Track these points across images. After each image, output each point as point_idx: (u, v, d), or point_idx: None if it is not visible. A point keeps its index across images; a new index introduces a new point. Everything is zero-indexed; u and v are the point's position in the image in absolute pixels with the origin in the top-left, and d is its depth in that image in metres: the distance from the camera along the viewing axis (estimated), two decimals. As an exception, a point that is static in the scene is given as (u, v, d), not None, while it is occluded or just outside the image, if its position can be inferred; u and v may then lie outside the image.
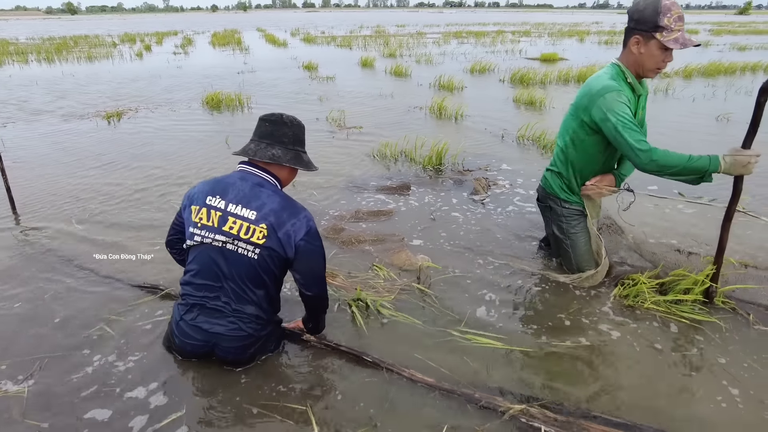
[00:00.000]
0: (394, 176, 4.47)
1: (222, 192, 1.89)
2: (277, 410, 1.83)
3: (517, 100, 7.94)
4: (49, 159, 5.19)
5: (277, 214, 1.85)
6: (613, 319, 2.38)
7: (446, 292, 2.62)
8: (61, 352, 2.17)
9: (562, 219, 2.71)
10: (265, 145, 1.92)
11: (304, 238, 1.87)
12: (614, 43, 19.43)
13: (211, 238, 1.87)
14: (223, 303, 1.91)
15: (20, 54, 17.31)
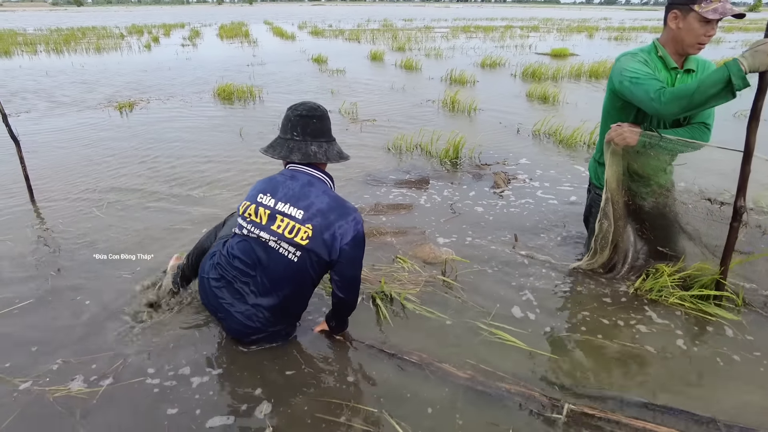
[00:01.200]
0: (412, 170, 4.44)
1: (272, 190, 1.87)
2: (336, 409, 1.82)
3: (530, 95, 7.88)
4: (63, 149, 5.18)
5: (325, 214, 1.81)
6: (637, 315, 2.35)
7: (472, 285, 2.60)
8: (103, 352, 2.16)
9: (593, 203, 2.72)
10: (327, 145, 1.90)
11: (350, 243, 1.82)
12: (624, 40, 19.27)
13: (256, 234, 1.87)
14: (249, 291, 1.92)
15: (29, 45, 17.29)
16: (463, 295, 2.51)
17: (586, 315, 2.35)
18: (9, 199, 3.76)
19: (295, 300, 1.96)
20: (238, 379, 1.93)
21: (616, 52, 13.68)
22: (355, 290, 1.97)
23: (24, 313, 2.37)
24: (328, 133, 1.92)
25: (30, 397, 1.84)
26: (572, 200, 3.74)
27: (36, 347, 2.12)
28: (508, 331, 2.20)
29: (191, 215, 3.47)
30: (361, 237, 1.85)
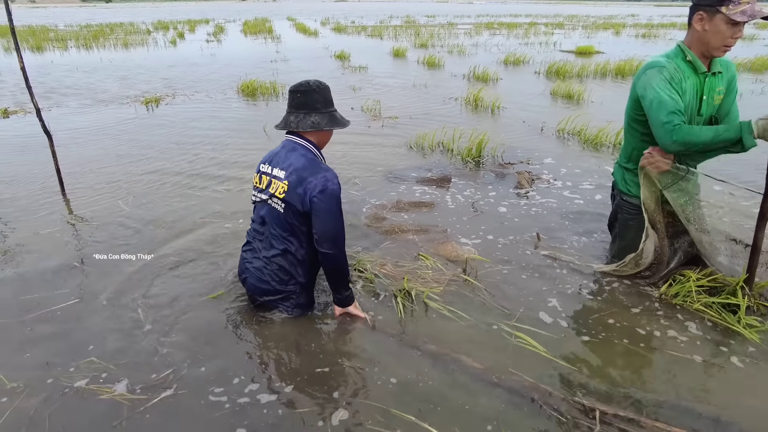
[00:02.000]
0: (434, 168, 4.42)
1: (270, 160, 2.22)
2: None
3: (555, 93, 7.77)
4: (92, 143, 5.31)
5: (299, 172, 2.08)
6: (662, 320, 2.30)
7: (495, 285, 2.58)
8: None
9: (619, 210, 2.67)
10: (303, 115, 2.14)
11: (318, 195, 2.04)
12: (652, 37, 18.83)
13: (259, 197, 2.24)
14: (261, 246, 2.26)
15: (60, 40, 17.72)
16: (486, 296, 2.49)
17: (609, 318, 2.32)
18: (41, 192, 3.88)
19: (293, 253, 2.19)
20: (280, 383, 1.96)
21: (644, 50, 13.48)
22: (333, 243, 2.10)
23: (67, 312, 2.38)
24: (310, 106, 2.14)
25: (76, 395, 1.86)
26: (597, 201, 3.68)
27: (84, 347, 2.15)
28: (531, 333, 2.17)
29: (214, 209, 3.53)
30: (330, 191, 2.05)
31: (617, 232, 2.73)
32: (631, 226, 2.62)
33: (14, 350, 2.12)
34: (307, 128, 2.13)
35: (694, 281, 2.40)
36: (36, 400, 1.84)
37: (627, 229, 2.65)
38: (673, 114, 2.10)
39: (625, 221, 2.64)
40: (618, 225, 2.70)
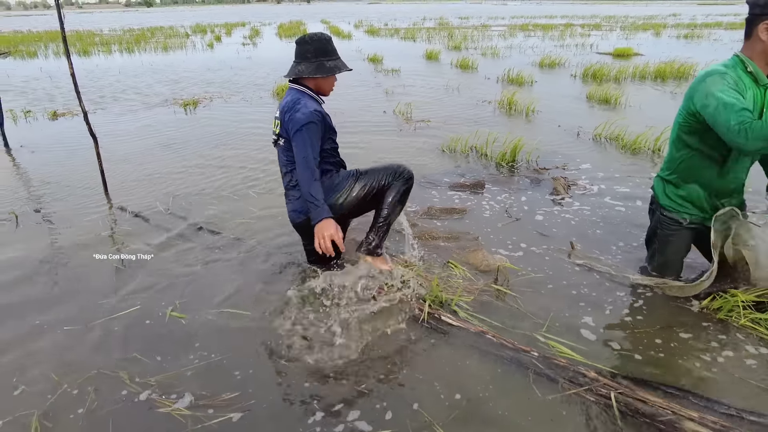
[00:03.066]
0: (467, 173, 4.40)
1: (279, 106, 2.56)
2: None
3: (591, 97, 7.60)
4: (132, 145, 5.50)
5: (284, 110, 2.44)
6: (703, 334, 2.22)
7: (527, 296, 2.55)
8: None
9: (659, 225, 2.58)
10: (295, 65, 2.48)
11: (289, 120, 2.39)
12: (695, 38, 18.20)
13: (273, 139, 2.63)
14: (287, 183, 2.63)
15: (104, 45, 18.44)
16: (518, 306, 2.46)
17: (646, 331, 2.25)
18: (86, 192, 4.05)
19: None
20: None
21: (686, 52, 13.05)
22: (301, 161, 2.38)
23: (130, 319, 2.41)
24: (302, 55, 2.45)
25: (136, 406, 1.87)
26: (635, 209, 3.58)
27: (147, 355, 2.17)
28: (565, 346, 2.14)
29: (251, 212, 3.61)
30: (297, 117, 2.35)
31: (656, 248, 2.64)
32: (671, 242, 2.55)
33: (77, 354, 2.18)
34: (292, 75, 2.46)
35: (741, 293, 2.31)
36: (94, 408, 1.89)
37: (667, 245, 2.57)
38: (743, 112, 1.94)
39: (665, 237, 2.56)
40: (657, 241, 2.61)
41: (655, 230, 2.63)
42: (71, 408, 1.86)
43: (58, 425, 1.79)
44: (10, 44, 18.42)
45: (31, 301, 2.57)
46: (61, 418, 1.82)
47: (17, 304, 2.54)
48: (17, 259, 2.98)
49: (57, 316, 2.43)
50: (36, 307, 2.50)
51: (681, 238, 2.53)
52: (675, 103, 7.26)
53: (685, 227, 2.49)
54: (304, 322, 2.33)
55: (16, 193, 4.05)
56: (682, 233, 2.51)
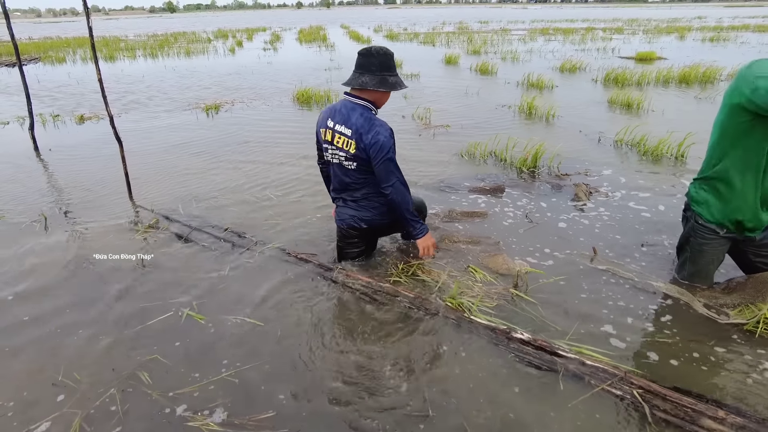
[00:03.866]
0: (486, 177, 4.39)
1: (333, 116, 2.54)
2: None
3: (612, 102, 7.51)
4: (156, 148, 5.62)
5: (359, 129, 2.44)
6: (728, 345, 2.18)
7: (548, 302, 2.53)
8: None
9: (692, 233, 2.51)
10: (357, 75, 2.47)
11: (373, 147, 2.43)
12: (722, 41, 17.84)
13: (329, 150, 2.61)
14: (348, 197, 2.72)
15: (129, 50, 18.87)
16: (539, 312, 2.45)
17: (669, 341, 2.21)
18: (110, 194, 4.15)
19: (372, 194, 2.67)
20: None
21: (711, 56, 12.83)
22: (393, 187, 2.51)
23: (164, 326, 2.42)
24: (366, 68, 2.45)
25: (169, 420, 1.84)
26: (658, 216, 3.53)
27: (182, 366, 2.18)
28: (588, 349, 2.12)
29: (269, 214, 3.65)
30: (381, 143, 2.43)
31: (688, 256, 2.57)
32: (705, 251, 2.49)
33: (100, 360, 2.24)
34: (356, 86, 2.46)
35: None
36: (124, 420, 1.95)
37: (700, 255, 2.51)
38: None
39: (699, 246, 2.49)
40: (690, 249, 2.55)
41: (687, 238, 2.56)
42: (100, 420, 1.90)
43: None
44: (40, 50, 18.98)
45: (55, 303, 2.63)
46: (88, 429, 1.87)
47: (40, 307, 2.61)
48: (45, 260, 3.07)
49: (79, 317, 2.49)
50: (59, 309, 2.57)
51: (715, 248, 2.46)
52: (700, 108, 7.14)
53: (721, 237, 2.42)
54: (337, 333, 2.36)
55: (46, 196, 4.17)
56: (717, 243, 2.44)
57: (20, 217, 3.72)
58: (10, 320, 2.47)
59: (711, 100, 7.59)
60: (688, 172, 4.44)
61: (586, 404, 1.86)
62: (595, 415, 1.81)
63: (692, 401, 1.81)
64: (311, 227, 3.44)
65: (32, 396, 1.97)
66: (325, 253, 3.07)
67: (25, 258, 3.09)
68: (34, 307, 2.58)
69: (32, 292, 2.72)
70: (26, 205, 3.96)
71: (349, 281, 2.71)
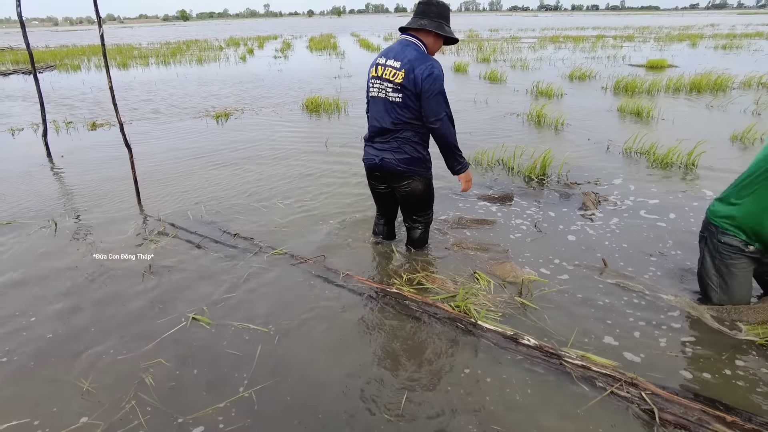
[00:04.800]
0: (494, 185, 4.37)
1: (386, 54, 2.64)
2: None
3: (622, 110, 7.46)
4: (165, 155, 5.67)
5: (412, 62, 2.51)
6: (741, 358, 2.14)
7: (554, 311, 2.51)
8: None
9: (716, 255, 2.38)
10: (417, 18, 2.62)
11: (426, 78, 2.48)
12: (734, 48, 17.70)
13: (377, 86, 2.66)
14: (386, 136, 2.71)
15: (143, 58, 19.14)
16: (545, 321, 2.42)
17: (678, 354, 2.18)
18: (119, 200, 4.19)
19: (413, 131, 2.68)
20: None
21: (723, 63, 12.73)
22: (438, 119, 2.56)
23: (172, 333, 2.52)
24: (425, 13, 2.59)
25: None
26: (669, 225, 3.49)
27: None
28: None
29: (279, 222, 3.67)
30: (435, 75, 2.49)
31: (719, 284, 2.39)
32: (735, 273, 2.34)
33: (112, 369, 2.28)
34: (415, 26, 2.59)
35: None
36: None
37: (732, 277, 2.35)
38: None
39: (728, 267, 2.35)
40: (717, 275, 2.40)
41: (713, 261, 2.42)
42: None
43: None
44: (56, 58, 19.31)
45: (62, 309, 2.66)
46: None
47: (44, 312, 2.64)
48: (51, 266, 3.10)
49: (87, 324, 2.52)
50: (66, 316, 2.60)
51: (744, 269, 2.33)
52: (710, 116, 7.08)
53: (747, 255, 2.30)
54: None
55: (56, 201, 4.22)
56: (745, 263, 2.32)
57: (30, 222, 3.77)
58: (18, 327, 2.49)
59: (723, 108, 7.51)
60: (699, 179, 4.40)
61: (595, 410, 1.84)
62: (605, 420, 1.79)
63: (701, 406, 1.79)
64: (319, 234, 3.45)
65: (53, 407, 1.97)
66: (332, 258, 3.07)
67: (34, 263, 3.13)
68: (39, 312, 2.60)
69: (39, 297, 2.75)
70: (37, 210, 4.01)
71: (357, 286, 2.71)
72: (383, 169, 2.77)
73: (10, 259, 3.19)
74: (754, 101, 7.81)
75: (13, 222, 3.77)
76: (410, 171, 2.73)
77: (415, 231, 3.09)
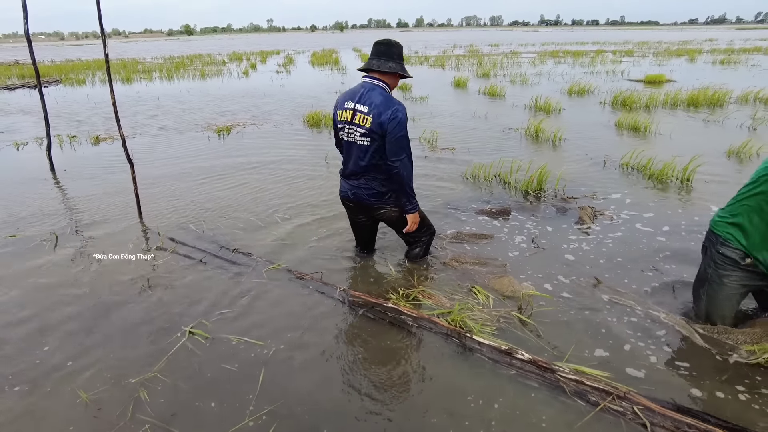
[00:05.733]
0: (492, 200, 4.42)
1: (352, 97, 2.76)
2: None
3: (620, 125, 7.53)
4: (167, 170, 5.73)
5: (378, 107, 2.65)
6: (739, 378, 2.16)
7: (549, 326, 2.53)
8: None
9: (710, 263, 2.39)
10: (382, 60, 2.73)
11: (391, 122, 2.63)
12: (732, 63, 17.86)
13: (346, 130, 2.79)
14: (354, 170, 2.88)
15: (146, 72, 19.37)
16: (541, 335, 2.45)
17: (672, 373, 2.20)
18: (121, 214, 4.24)
19: (379, 169, 2.83)
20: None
21: (721, 78, 12.82)
22: (402, 161, 2.71)
23: (176, 351, 2.58)
24: (389, 55, 2.73)
25: None
26: (664, 240, 3.52)
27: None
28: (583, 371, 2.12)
29: (277, 236, 3.71)
30: (399, 119, 2.65)
31: (707, 292, 2.42)
32: (724, 284, 2.35)
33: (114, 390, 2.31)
34: (386, 70, 2.71)
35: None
36: None
37: (721, 288, 2.36)
38: None
39: (720, 278, 2.35)
40: (708, 283, 2.41)
41: (706, 270, 2.43)
42: None
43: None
44: (62, 72, 19.56)
45: (60, 325, 2.69)
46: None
47: (43, 325, 2.67)
48: (51, 281, 3.14)
49: (86, 342, 2.55)
50: (63, 330, 2.63)
51: (734, 282, 2.33)
52: (707, 131, 7.14)
53: (741, 268, 2.29)
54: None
55: (58, 216, 4.28)
56: (737, 276, 2.32)
57: (32, 236, 3.82)
58: (16, 340, 2.52)
59: (719, 123, 7.58)
60: (695, 193, 4.44)
61: (590, 424, 1.86)
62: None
63: (693, 420, 1.81)
64: (317, 248, 3.49)
65: (49, 421, 2.00)
66: (329, 274, 3.11)
67: (33, 278, 3.17)
68: (37, 327, 2.64)
69: (37, 314, 2.78)
70: (39, 224, 4.06)
71: (353, 300, 2.74)
72: (356, 201, 2.99)
73: (7, 275, 3.23)
74: (751, 116, 7.88)
75: (15, 236, 3.81)
76: (379, 203, 2.95)
77: (414, 249, 3.27)
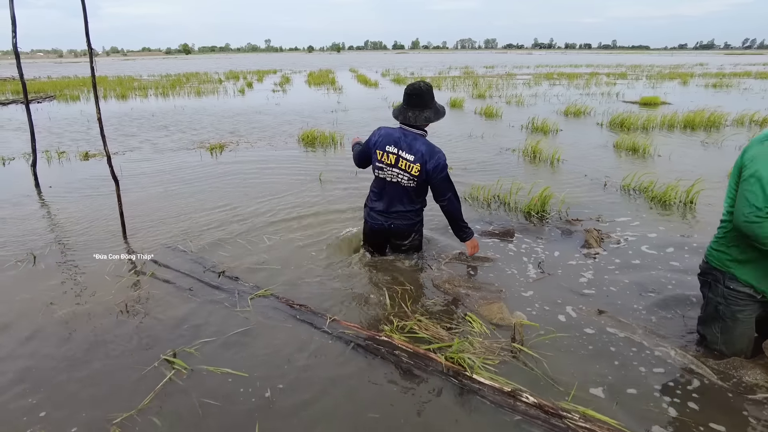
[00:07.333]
0: (494, 221, 4.27)
1: (396, 143, 2.99)
2: None
3: (618, 146, 7.46)
4: (155, 188, 5.56)
5: (424, 155, 2.92)
6: (747, 407, 1.99)
7: (551, 358, 2.36)
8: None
9: (722, 301, 2.23)
10: (419, 112, 2.94)
11: (436, 168, 2.92)
12: (724, 87, 18.04)
13: (389, 171, 3.04)
14: (386, 206, 3.19)
15: (142, 89, 19.33)
16: (545, 369, 2.27)
17: (678, 411, 2.03)
18: (105, 234, 4.06)
19: (415, 209, 3.23)
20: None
21: (715, 101, 12.88)
22: (447, 196, 3.04)
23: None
24: (423, 105, 2.93)
25: None
26: (674, 267, 3.37)
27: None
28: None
29: (266, 259, 3.54)
30: (442, 165, 2.94)
31: (722, 329, 2.26)
32: (741, 320, 2.20)
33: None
34: (422, 123, 2.94)
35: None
36: None
37: (736, 325, 2.22)
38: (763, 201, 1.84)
39: (734, 314, 2.20)
40: (721, 321, 2.26)
41: (716, 307, 2.27)
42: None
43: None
44: (57, 88, 19.47)
45: (37, 350, 2.50)
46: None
47: (8, 351, 2.47)
48: (27, 306, 2.94)
49: (60, 365, 2.36)
50: (39, 355, 2.44)
51: (749, 316, 2.20)
52: (706, 154, 7.08)
53: (758, 301, 2.16)
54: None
55: (38, 234, 4.09)
56: (751, 310, 2.19)
57: (7, 256, 3.62)
58: (-20, 369, 2.33)
59: (718, 145, 7.53)
60: (699, 215, 4.32)
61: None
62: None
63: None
64: (307, 272, 3.32)
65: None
66: (318, 299, 2.93)
67: (5, 300, 2.97)
68: (14, 351, 2.44)
69: (12, 338, 2.59)
70: (17, 244, 3.87)
71: (344, 332, 2.56)
72: (394, 230, 3.24)
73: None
74: (748, 139, 7.84)
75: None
76: (410, 230, 3.28)
77: (409, 255, 3.45)
